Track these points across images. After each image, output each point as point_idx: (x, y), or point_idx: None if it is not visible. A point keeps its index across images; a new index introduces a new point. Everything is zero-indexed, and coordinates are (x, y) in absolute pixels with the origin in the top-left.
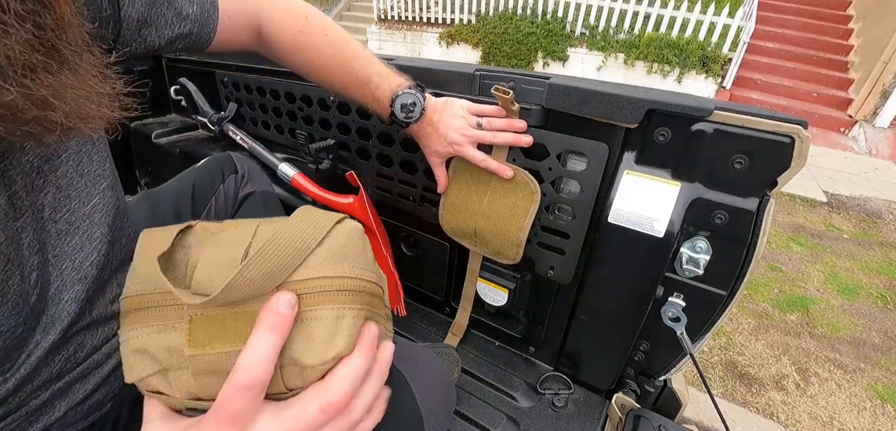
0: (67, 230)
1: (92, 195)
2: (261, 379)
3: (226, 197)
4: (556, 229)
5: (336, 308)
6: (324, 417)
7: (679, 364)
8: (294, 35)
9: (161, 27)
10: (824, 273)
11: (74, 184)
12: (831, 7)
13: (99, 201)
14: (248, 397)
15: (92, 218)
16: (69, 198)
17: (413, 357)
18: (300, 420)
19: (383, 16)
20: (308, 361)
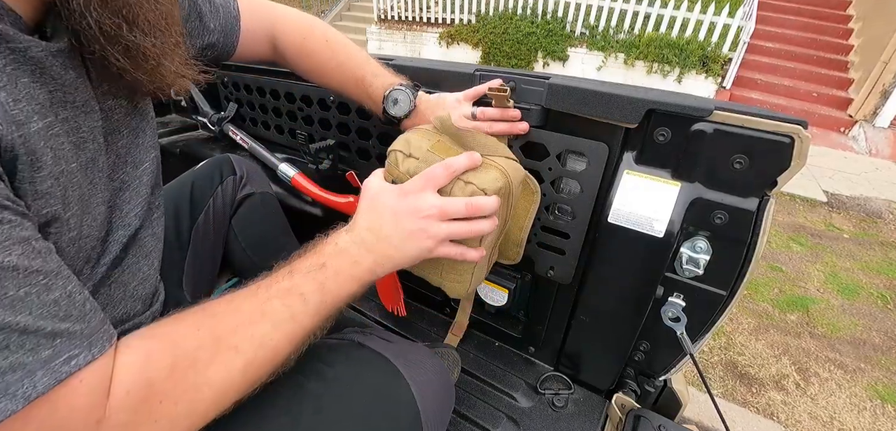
0: (121, 187)
1: (143, 161)
2: (453, 170)
3: (224, 198)
4: (556, 229)
5: (495, 173)
6: (455, 207)
7: (679, 364)
8: (300, 42)
9: (194, 37)
10: (824, 273)
11: (131, 150)
12: (831, 7)
13: (148, 166)
14: (444, 174)
15: (141, 179)
16: (126, 164)
17: (412, 357)
18: (452, 204)
19: (383, 16)
20: (471, 178)
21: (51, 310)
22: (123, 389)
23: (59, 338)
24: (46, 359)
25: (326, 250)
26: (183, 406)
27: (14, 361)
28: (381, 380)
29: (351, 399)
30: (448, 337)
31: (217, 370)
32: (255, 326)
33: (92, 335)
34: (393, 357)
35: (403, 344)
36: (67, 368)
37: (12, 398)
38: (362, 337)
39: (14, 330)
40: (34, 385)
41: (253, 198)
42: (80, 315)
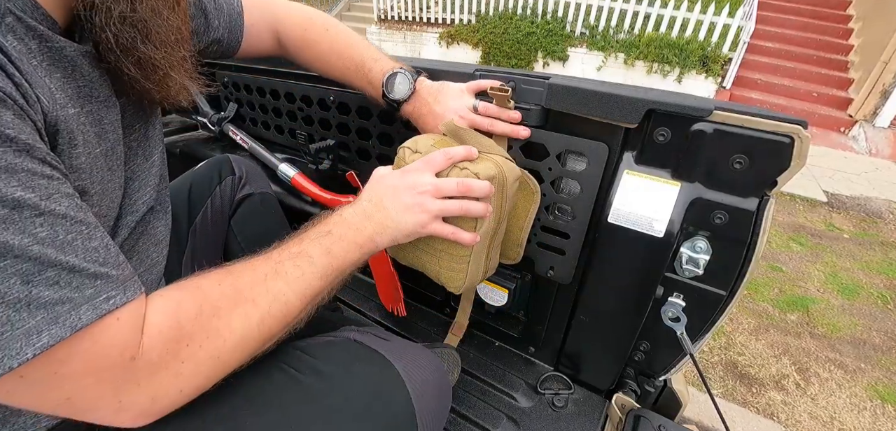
0: (131, 177)
1: (152, 153)
2: (451, 157)
3: (222, 198)
4: (556, 229)
5: (489, 163)
6: (448, 184)
7: (679, 364)
8: (301, 33)
9: (199, 34)
10: (824, 272)
11: (141, 144)
12: (831, 7)
13: (156, 159)
14: (443, 159)
15: (150, 170)
16: (137, 155)
17: (409, 355)
18: (446, 183)
19: (383, 16)
20: (466, 166)
21: (92, 256)
22: (156, 329)
23: (99, 280)
24: (89, 297)
25: (332, 220)
26: (206, 349)
27: (63, 295)
28: (376, 377)
29: (345, 394)
30: (448, 337)
31: (237, 318)
32: (269, 282)
33: (126, 281)
34: (389, 354)
35: (400, 343)
36: (106, 306)
37: (61, 326)
38: (359, 334)
39: (64, 268)
40: (79, 317)
41: (252, 199)
42: (115, 263)
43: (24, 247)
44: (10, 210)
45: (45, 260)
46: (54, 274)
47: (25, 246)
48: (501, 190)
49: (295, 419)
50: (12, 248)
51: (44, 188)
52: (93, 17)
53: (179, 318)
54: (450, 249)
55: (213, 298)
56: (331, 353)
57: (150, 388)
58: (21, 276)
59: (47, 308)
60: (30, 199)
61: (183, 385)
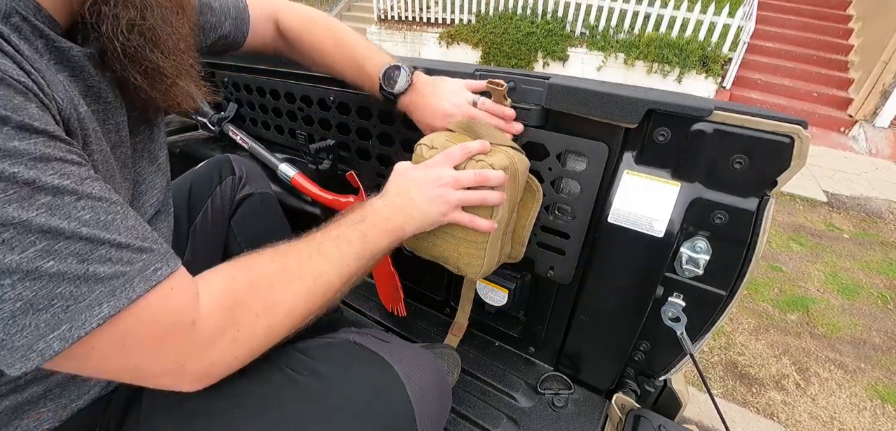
0: (138, 180)
1: (158, 156)
2: (468, 151)
3: (222, 198)
4: (556, 229)
5: (502, 155)
6: (466, 175)
7: (679, 364)
8: (300, 28)
9: (207, 31)
10: (824, 272)
11: (147, 147)
12: (831, 7)
13: (162, 160)
14: (460, 154)
15: (156, 173)
16: (143, 158)
17: (408, 356)
18: (464, 174)
19: (383, 16)
20: (481, 158)
21: (133, 233)
22: (214, 298)
23: (145, 253)
24: (140, 269)
25: (365, 209)
26: (261, 319)
27: (116, 270)
28: (375, 378)
29: (345, 396)
30: (448, 337)
31: (286, 292)
32: (313, 261)
33: (166, 253)
34: (388, 355)
35: (400, 344)
36: (157, 277)
37: (119, 297)
38: (358, 336)
39: (112, 245)
40: (133, 288)
41: (252, 199)
42: (154, 239)
43: (73, 230)
44: (53, 196)
45: (95, 239)
46: (105, 252)
47: (75, 229)
48: (514, 178)
49: (294, 420)
50: (63, 232)
51: (77, 174)
52: (100, 25)
53: (235, 289)
54: (469, 237)
55: (266, 272)
56: (330, 355)
57: (210, 354)
58: (76, 256)
59: (104, 282)
60: (68, 185)
61: (238, 352)
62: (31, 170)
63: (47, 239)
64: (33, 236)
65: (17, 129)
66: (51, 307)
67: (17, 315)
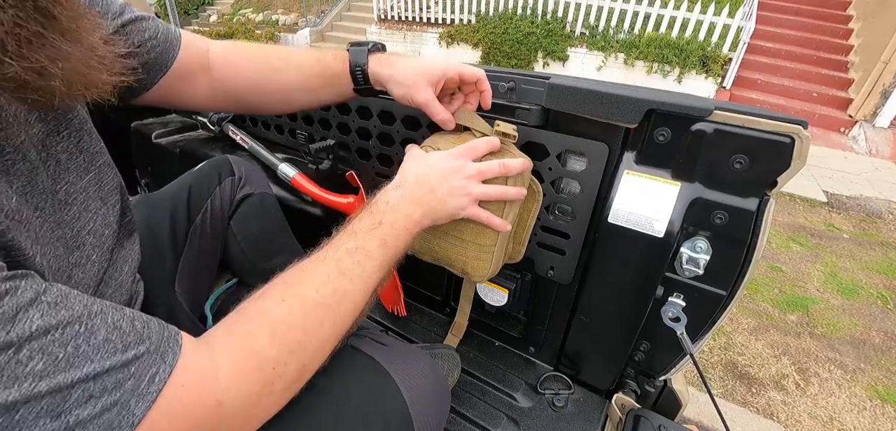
0: (65, 199)
1: (89, 169)
2: (492, 145)
3: (222, 199)
4: (556, 229)
5: (517, 152)
6: (491, 166)
7: (679, 364)
8: (231, 49)
9: (133, 34)
10: (824, 273)
11: (74, 158)
12: (831, 7)
13: (93, 175)
14: (485, 147)
15: (87, 190)
16: (67, 171)
17: (405, 359)
18: (489, 165)
19: (383, 16)
20: (499, 156)
21: (108, 349)
22: (233, 365)
23: (132, 365)
24: (133, 388)
25: (380, 209)
26: (292, 365)
27: (106, 403)
28: (372, 387)
29: (341, 406)
30: (447, 337)
31: (312, 326)
32: (333, 282)
33: (159, 348)
34: (384, 361)
35: (397, 347)
36: (155, 386)
37: (119, 429)
38: (355, 340)
39: (88, 381)
40: (133, 413)
41: (252, 199)
42: (137, 337)
43: (28, 393)
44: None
45: (61, 386)
46: (81, 392)
47: (30, 391)
48: (527, 177)
49: (289, 429)
50: (16, 402)
51: (3, 314)
52: None
53: (255, 348)
54: (477, 239)
55: (281, 316)
56: (325, 363)
57: (246, 414)
58: (48, 414)
59: (93, 423)
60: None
61: (277, 399)
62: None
63: (2, 418)
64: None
65: None
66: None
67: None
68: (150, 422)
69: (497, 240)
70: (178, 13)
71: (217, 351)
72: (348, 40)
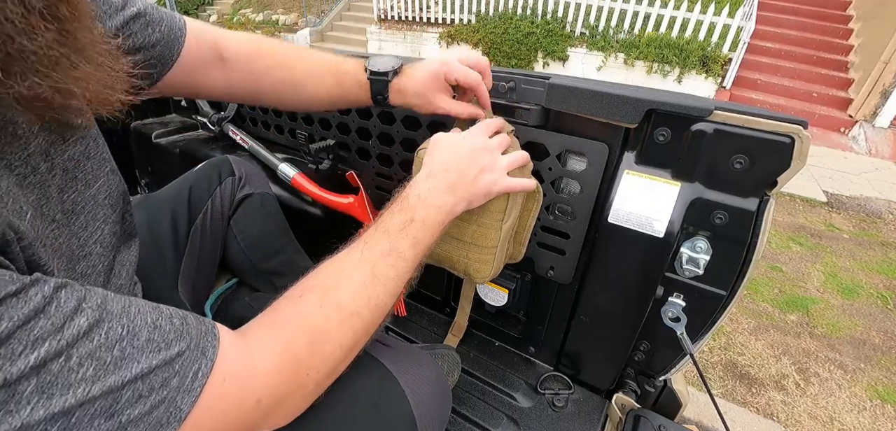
0: (69, 212)
1: (97, 177)
2: (501, 124)
3: (222, 199)
4: (556, 229)
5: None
6: (504, 139)
7: (679, 364)
8: (249, 49)
9: (107, 19)
10: (824, 273)
11: (81, 166)
12: (831, 7)
13: (104, 182)
14: (496, 124)
15: (96, 198)
16: (75, 180)
17: (408, 360)
18: (503, 137)
19: (383, 16)
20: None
21: (152, 348)
22: (274, 369)
23: (176, 362)
24: (177, 386)
25: (411, 203)
26: (324, 370)
27: (154, 401)
28: (377, 388)
29: (346, 408)
30: (447, 337)
31: (345, 334)
32: (368, 290)
33: (199, 343)
34: (388, 361)
35: (400, 348)
36: (199, 381)
37: (167, 425)
38: None
39: (136, 381)
40: (180, 409)
41: (252, 199)
42: (177, 334)
43: (83, 397)
44: (37, 377)
45: (112, 388)
46: (131, 392)
47: (84, 395)
48: (521, 171)
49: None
50: (72, 407)
51: (48, 326)
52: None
53: (294, 353)
54: (478, 241)
55: (318, 324)
56: None
57: (283, 411)
58: (103, 415)
59: (145, 420)
60: (47, 351)
61: (309, 397)
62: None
63: (59, 421)
64: (40, 429)
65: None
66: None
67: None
68: (194, 417)
69: (499, 241)
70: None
71: (255, 349)
72: (348, 40)
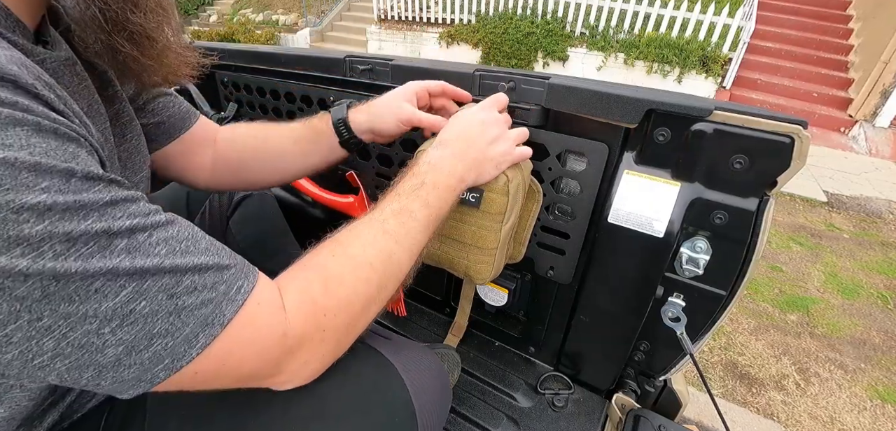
0: (122, 169)
1: (142, 168)
2: (503, 102)
3: (220, 199)
4: (556, 229)
5: None
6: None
7: (679, 364)
8: (242, 133)
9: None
10: (824, 273)
11: (133, 158)
12: (831, 7)
13: (145, 173)
14: (505, 100)
15: (138, 187)
16: (127, 169)
17: (409, 355)
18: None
19: (383, 16)
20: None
21: (209, 252)
22: (296, 306)
23: (225, 272)
24: (224, 292)
25: (422, 169)
26: (341, 318)
27: (204, 298)
28: (376, 376)
29: (345, 394)
30: (447, 337)
31: (359, 284)
32: (379, 243)
33: (243, 267)
34: (389, 354)
35: (401, 342)
36: (242, 296)
37: (213, 325)
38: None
39: (194, 271)
40: (223, 313)
41: (251, 199)
42: (227, 254)
43: (156, 266)
44: (129, 239)
45: (177, 268)
46: (190, 281)
47: (157, 264)
48: (524, 181)
49: (294, 418)
50: (148, 270)
51: (140, 210)
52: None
53: (312, 295)
54: (478, 243)
55: (333, 271)
56: None
57: (301, 355)
58: (165, 292)
59: (195, 312)
60: (138, 223)
61: (325, 351)
62: (104, 220)
63: (135, 281)
64: (122, 280)
65: (82, 181)
66: (151, 346)
67: (122, 357)
68: (233, 328)
69: (499, 243)
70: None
71: (282, 288)
72: (348, 40)
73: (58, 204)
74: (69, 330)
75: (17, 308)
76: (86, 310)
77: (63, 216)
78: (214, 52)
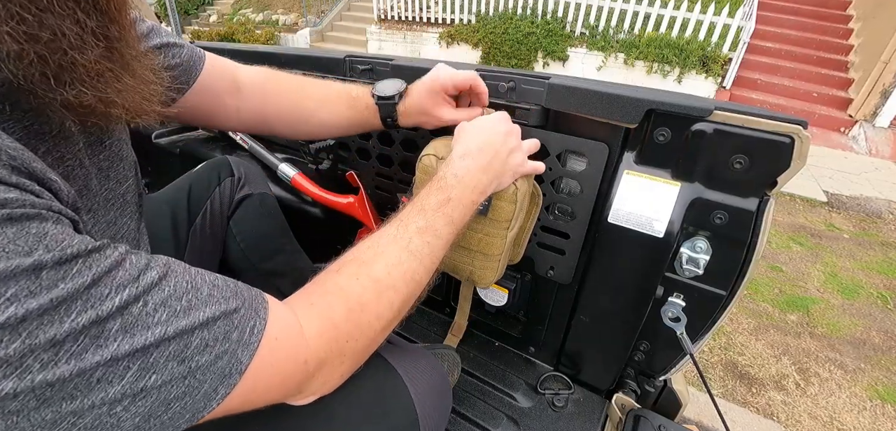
0: (104, 205)
1: (128, 176)
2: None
3: (221, 199)
4: (556, 229)
5: None
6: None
7: (679, 364)
8: (263, 77)
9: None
10: (824, 273)
11: (115, 166)
12: (831, 7)
13: (132, 182)
14: (507, 118)
15: (125, 196)
16: (108, 178)
17: (410, 358)
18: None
19: (383, 16)
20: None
21: (213, 301)
22: (317, 334)
23: (234, 317)
24: (238, 339)
25: (449, 182)
26: (361, 341)
27: (218, 351)
28: (379, 382)
29: (348, 401)
30: (447, 337)
31: (383, 307)
32: (404, 265)
33: (252, 303)
34: (391, 358)
35: (402, 345)
36: (256, 338)
37: (231, 376)
38: None
39: (201, 327)
40: (240, 361)
41: (251, 199)
42: (232, 294)
43: (158, 337)
44: (122, 317)
45: (182, 331)
46: (199, 341)
47: (159, 336)
48: (530, 185)
49: (298, 424)
50: (151, 344)
51: (128, 276)
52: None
53: (334, 321)
54: (484, 249)
55: (356, 295)
56: None
57: (321, 377)
58: (175, 359)
59: (211, 368)
60: (128, 295)
61: (345, 370)
62: (89, 308)
63: (139, 359)
64: (124, 363)
65: (55, 270)
66: (169, 410)
67: (140, 424)
68: (253, 371)
69: (503, 248)
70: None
71: (300, 314)
72: (348, 40)
73: (32, 311)
74: (78, 419)
75: (14, 420)
76: (91, 401)
77: (41, 322)
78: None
